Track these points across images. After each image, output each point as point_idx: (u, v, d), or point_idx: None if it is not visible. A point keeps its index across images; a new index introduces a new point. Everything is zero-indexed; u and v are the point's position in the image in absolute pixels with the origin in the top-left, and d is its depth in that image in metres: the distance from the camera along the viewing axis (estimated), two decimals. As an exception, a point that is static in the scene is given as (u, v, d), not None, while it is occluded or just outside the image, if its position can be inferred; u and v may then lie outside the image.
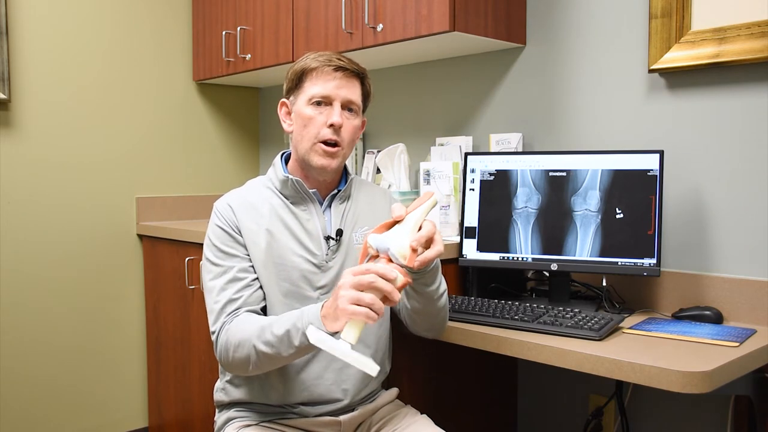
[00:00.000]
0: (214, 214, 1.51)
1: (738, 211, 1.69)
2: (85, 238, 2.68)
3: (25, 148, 2.54)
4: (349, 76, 1.48)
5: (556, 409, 2.10)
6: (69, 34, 2.62)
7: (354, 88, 1.49)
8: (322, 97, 1.46)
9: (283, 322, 1.31)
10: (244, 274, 1.44)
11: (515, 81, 2.15)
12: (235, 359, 1.37)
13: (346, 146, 1.49)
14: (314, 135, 1.46)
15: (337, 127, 1.45)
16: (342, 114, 1.46)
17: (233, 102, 3.11)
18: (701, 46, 1.70)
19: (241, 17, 2.64)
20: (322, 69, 1.46)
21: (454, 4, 1.91)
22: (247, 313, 1.41)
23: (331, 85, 1.46)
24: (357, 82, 1.50)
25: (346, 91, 1.47)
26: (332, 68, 1.46)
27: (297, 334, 1.28)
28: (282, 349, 1.30)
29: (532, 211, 1.81)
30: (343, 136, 1.47)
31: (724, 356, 1.32)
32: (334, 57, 1.48)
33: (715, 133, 1.72)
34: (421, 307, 1.45)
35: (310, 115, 1.47)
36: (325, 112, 1.46)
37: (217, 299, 1.43)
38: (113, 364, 2.78)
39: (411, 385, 1.80)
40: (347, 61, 1.48)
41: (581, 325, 1.48)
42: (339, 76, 1.46)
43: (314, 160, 1.47)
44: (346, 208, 1.54)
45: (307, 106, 1.47)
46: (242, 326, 1.37)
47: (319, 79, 1.46)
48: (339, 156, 1.48)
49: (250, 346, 1.34)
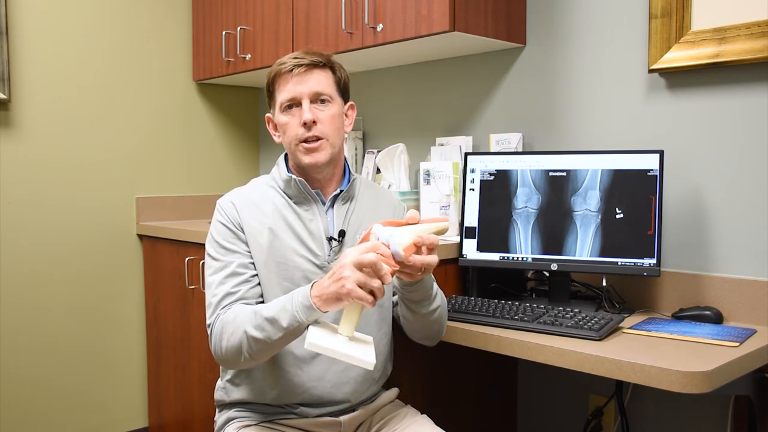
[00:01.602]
0: (217, 210, 1.51)
1: (738, 211, 1.69)
2: (85, 238, 2.68)
3: (25, 148, 2.54)
4: (309, 69, 1.46)
5: (556, 409, 2.10)
6: (69, 34, 2.62)
7: (317, 78, 1.47)
8: (290, 101, 1.47)
9: (273, 305, 1.32)
10: (243, 269, 1.45)
11: (515, 81, 2.15)
12: (227, 348, 1.36)
13: (330, 137, 1.48)
14: (294, 138, 1.47)
15: (309, 123, 1.45)
16: (312, 108, 1.46)
17: (233, 102, 3.11)
18: (701, 46, 1.70)
19: (241, 17, 2.64)
20: (281, 74, 1.47)
21: (454, 4, 1.91)
22: (242, 305, 1.41)
23: (292, 86, 1.46)
24: (320, 71, 1.48)
25: (309, 85, 1.46)
26: (288, 69, 1.46)
27: (286, 315, 1.28)
28: (272, 332, 1.29)
29: (532, 211, 1.81)
30: (321, 128, 1.46)
31: (724, 356, 1.32)
32: (290, 57, 1.48)
33: (715, 133, 1.72)
34: (413, 319, 1.48)
35: (285, 122, 1.48)
36: (297, 113, 1.47)
37: (215, 293, 1.43)
38: (113, 364, 2.78)
39: (411, 385, 1.80)
40: (303, 55, 1.47)
41: (581, 325, 1.48)
42: (297, 73, 1.45)
43: (302, 161, 1.48)
44: (349, 209, 1.54)
45: (281, 114, 1.49)
46: (234, 315, 1.37)
47: (282, 84, 1.48)
48: (324, 149, 1.47)
49: (241, 332, 1.33)
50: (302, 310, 1.26)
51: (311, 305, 1.25)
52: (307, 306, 1.26)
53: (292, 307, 1.27)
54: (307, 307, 1.26)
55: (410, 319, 1.48)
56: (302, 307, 1.26)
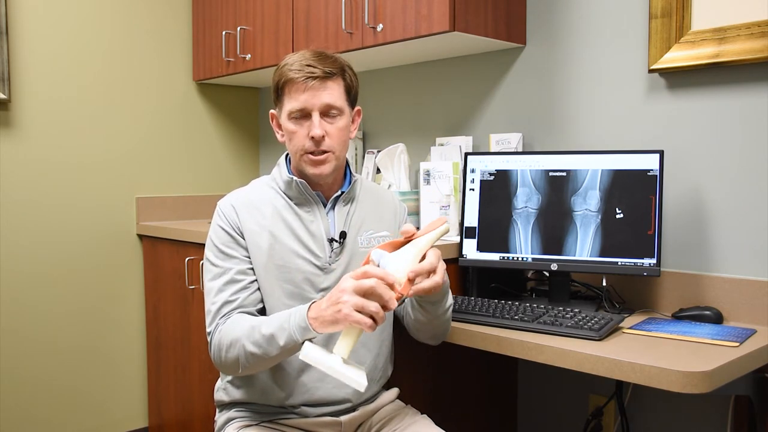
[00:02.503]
0: (216, 214, 1.51)
1: (738, 211, 1.69)
2: (85, 238, 2.68)
3: (25, 148, 2.54)
4: (323, 80, 1.43)
5: (556, 409, 2.10)
6: (69, 34, 2.62)
7: (331, 90, 1.44)
8: (299, 111, 1.44)
9: (271, 323, 1.32)
10: (242, 276, 1.45)
11: (515, 81, 2.15)
12: (226, 360, 1.38)
13: (337, 149, 1.46)
14: (300, 147, 1.46)
15: (318, 138, 1.43)
16: (322, 122, 1.44)
17: (233, 102, 3.11)
18: (701, 46, 1.70)
19: (241, 17, 2.64)
20: (294, 82, 1.43)
21: (454, 4, 1.91)
22: (240, 314, 1.41)
23: (305, 97, 1.42)
24: (333, 82, 1.45)
25: (322, 98, 1.43)
26: (302, 79, 1.42)
27: (283, 335, 1.29)
28: (269, 349, 1.31)
29: (532, 211, 1.81)
30: (329, 143, 1.45)
31: (724, 356, 1.32)
32: (304, 65, 1.42)
33: (715, 133, 1.72)
34: (426, 320, 1.48)
35: (292, 129, 1.46)
36: (306, 124, 1.44)
37: (214, 300, 1.43)
38: (113, 364, 2.78)
39: (411, 385, 1.80)
40: (316, 63, 1.43)
41: (581, 325, 1.48)
42: (311, 85, 1.42)
43: (307, 170, 1.47)
44: (350, 211, 1.54)
45: (288, 120, 1.46)
46: (234, 326, 1.38)
47: (293, 92, 1.43)
48: (330, 161, 1.46)
49: (240, 346, 1.35)
50: (299, 330, 1.28)
51: (308, 326, 1.27)
52: (304, 327, 1.27)
53: (289, 327, 1.29)
54: (304, 328, 1.27)
55: (423, 320, 1.48)
56: (299, 328, 1.28)
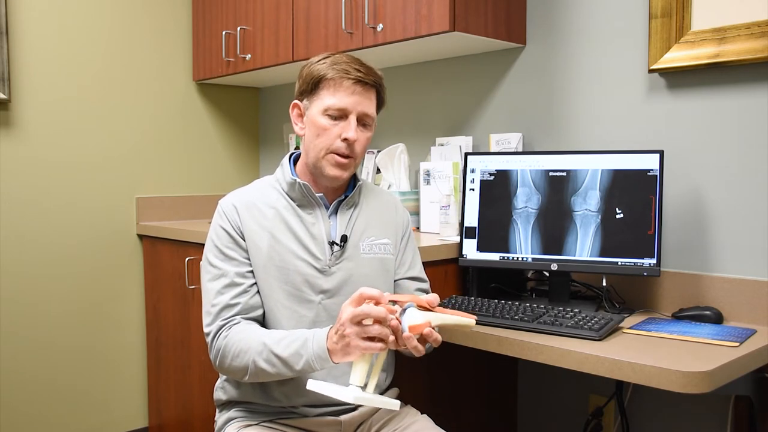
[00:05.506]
0: (217, 213, 1.51)
1: (738, 211, 1.69)
2: (85, 238, 2.68)
3: (25, 148, 2.54)
4: (368, 88, 1.44)
5: (556, 409, 2.10)
6: (69, 34, 2.62)
7: (371, 100, 1.46)
8: (339, 110, 1.43)
9: (287, 346, 1.32)
10: (241, 279, 1.44)
11: (515, 81, 2.15)
12: (232, 367, 1.38)
13: (359, 157, 1.48)
14: (327, 146, 1.45)
15: (351, 141, 1.43)
16: (357, 129, 1.44)
17: (233, 102, 3.11)
18: (701, 46, 1.70)
19: (241, 17, 2.64)
20: (340, 81, 1.42)
21: (454, 4, 1.91)
22: (246, 321, 1.42)
23: (349, 100, 1.43)
24: (374, 93, 1.47)
25: (364, 106, 1.44)
26: (351, 81, 1.42)
27: (300, 361, 1.30)
28: (284, 371, 1.33)
29: (532, 211, 1.81)
30: (357, 150, 1.45)
31: (724, 356, 1.32)
32: (353, 67, 1.43)
33: (714, 133, 1.72)
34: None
35: (324, 126, 1.44)
36: (341, 124, 1.44)
37: (214, 302, 1.43)
38: (113, 364, 2.78)
39: (411, 385, 1.80)
40: (365, 71, 1.44)
41: (581, 325, 1.48)
42: (358, 90, 1.43)
43: (326, 170, 1.46)
44: (353, 215, 1.53)
45: (322, 115, 1.44)
46: (242, 337, 1.37)
47: (337, 91, 1.43)
48: (351, 167, 1.47)
49: (249, 359, 1.35)
50: (317, 360, 1.29)
51: (327, 358, 1.28)
52: (324, 358, 1.28)
53: (306, 354, 1.30)
54: (323, 359, 1.28)
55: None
56: (318, 358, 1.29)
